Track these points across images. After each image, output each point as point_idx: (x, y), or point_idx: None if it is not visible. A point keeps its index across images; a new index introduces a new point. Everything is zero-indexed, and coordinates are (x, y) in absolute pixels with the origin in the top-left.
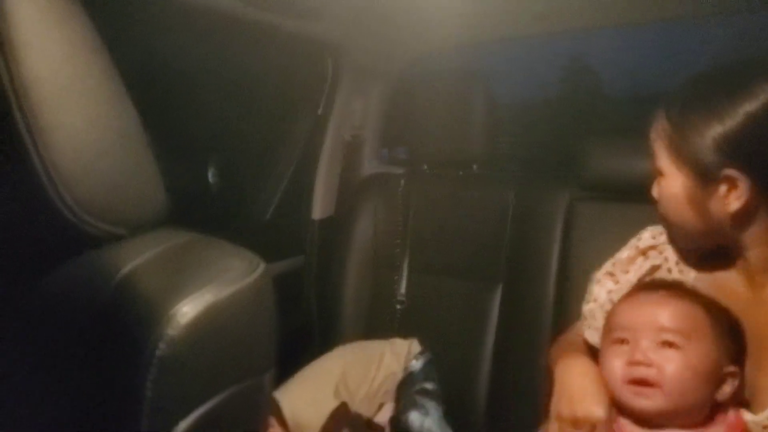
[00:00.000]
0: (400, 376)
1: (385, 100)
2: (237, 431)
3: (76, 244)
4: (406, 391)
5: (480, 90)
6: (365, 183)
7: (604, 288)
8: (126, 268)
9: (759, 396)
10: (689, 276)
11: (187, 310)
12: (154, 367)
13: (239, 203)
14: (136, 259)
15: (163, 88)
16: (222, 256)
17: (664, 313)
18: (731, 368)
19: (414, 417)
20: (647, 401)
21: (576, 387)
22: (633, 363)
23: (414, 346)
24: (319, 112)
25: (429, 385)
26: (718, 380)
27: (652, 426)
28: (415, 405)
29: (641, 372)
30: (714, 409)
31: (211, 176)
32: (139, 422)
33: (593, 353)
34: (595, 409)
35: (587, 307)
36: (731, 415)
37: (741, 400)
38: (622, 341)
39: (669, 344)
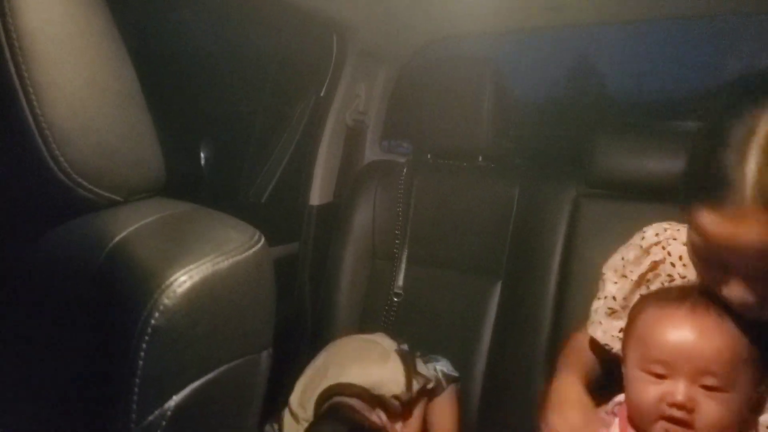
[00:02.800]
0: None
1: (391, 85)
2: (230, 409)
3: (69, 209)
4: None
5: (489, 77)
6: (366, 170)
7: (617, 287)
8: (121, 234)
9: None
10: (693, 270)
11: (185, 279)
12: (148, 336)
13: (233, 187)
14: (132, 225)
15: (153, 66)
16: (221, 228)
17: (707, 351)
18: (762, 387)
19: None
20: None
21: (560, 407)
22: (672, 404)
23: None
24: (322, 94)
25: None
26: (751, 405)
27: None
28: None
29: (680, 415)
30: None
31: (203, 159)
32: (132, 392)
33: (597, 347)
34: None
35: (596, 305)
36: None
37: None
38: (659, 375)
39: (712, 388)
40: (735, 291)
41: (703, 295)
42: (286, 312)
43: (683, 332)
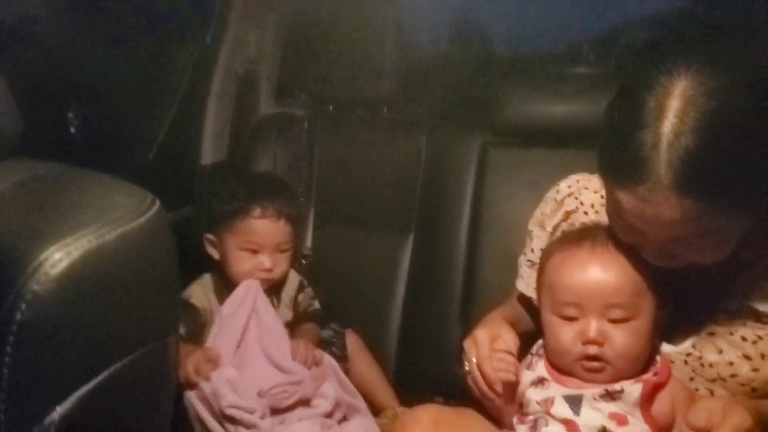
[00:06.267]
0: None
1: (284, 30)
2: (135, 410)
3: None
4: None
5: (392, 20)
6: (262, 124)
7: (538, 240)
8: None
9: (677, 327)
10: (605, 216)
11: (59, 258)
12: (13, 335)
13: (111, 154)
14: None
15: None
16: (104, 191)
17: (611, 286)
18: (661, 311)
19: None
20: (599, 375)
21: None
22: (586, 342)
23: None
24: (207, 41)
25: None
26: (656, 329)
27: None
28: None
29: (594, 351)
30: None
31: (72, 127)
32: None
33: (525, 302)
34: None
35: (520, 259)
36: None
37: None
38: (570, 318)
39: (619, 320)
40: (650, 252)
41: (600, 232)
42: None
43: (587, 270)
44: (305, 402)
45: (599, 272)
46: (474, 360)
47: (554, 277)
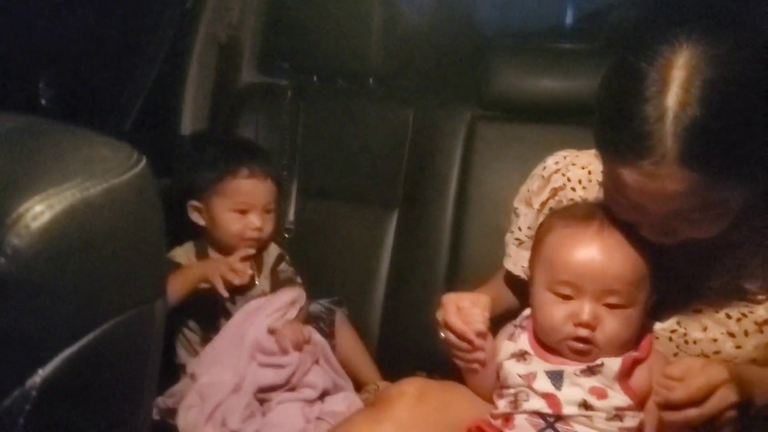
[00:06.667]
0: None
1: None
2: (118, 376)
3: None
4: None
5: None
6: (245, 93)
7: (525, 218)
8: None
9: (664, 305)
10: (593, 192)
11: (41, 210)
12: None
13: (84, 124)
14: None
15: None
16: (88, 144)
17: (613, 271)
18: (654, 297)
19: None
20: (583, 357)
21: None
22: (578, 324)
23: None
24: (188, 5)
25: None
26: (645, 317)
27: None
28: None
29: (585, 333)
30: None
31: (44, 98)
32: None
33: (511, 281)
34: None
35: (507, 237)
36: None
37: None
38: (566, 296)
39: (615, 306)
40: (649, 229)
41: (606, 214)
42: None
43: (591, 252)
44: (291, 389)
45: (604, 256)
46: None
47: (555, 253)
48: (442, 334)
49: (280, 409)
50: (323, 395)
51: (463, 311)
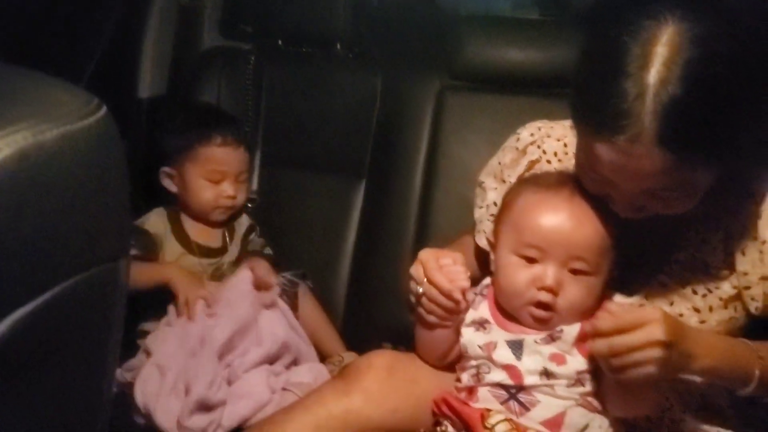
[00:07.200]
0: None
1: None
2: (79, 335)
3: None
4: None
5: None
6: (206, 57)
7: (496, 193)
8: None
9: (631, 278)
10: (569, 165)
11: None
12: None
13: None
14: None
15: None
16: (43, 86)
17: (580, 238)
18: (616, 268)
19: None
20: (543, 325)
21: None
22: (541, 288)
23: None
24: None
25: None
26: (606, 287)
27: None
28: None
29: (547, 298)
30: None
31: None
32: None
33: (481, 257)
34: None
35: (478, 213)
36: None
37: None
38: (530, 259)
39: (579, 272)
40: (619, 205)
41: (578, 183)
42: None
43: (560, 217)
44: (256, 341)
45: (573, 222)
46: (425, 279)
47: (523, 216)
48: (420, 289)
49: (246, 378)
50: (290, 365)
51: (445, 268)
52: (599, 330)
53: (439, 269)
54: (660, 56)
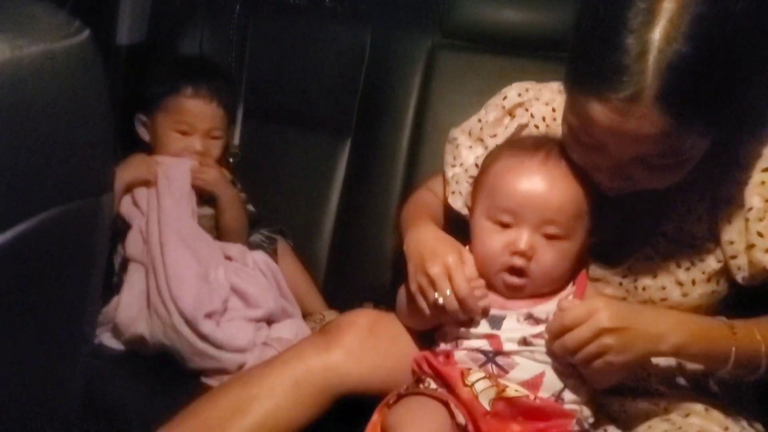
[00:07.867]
0: None
1: None
2: (58, 271)
3: None
4: None
5: None
6: (188, 5)
7: (473, 153)
8: None
9: (616, 249)
10: (557, 130)
11: None
12: None
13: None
14: None
15: None
16: (23, 4)
17: (554, 202)
18: (590, 239)
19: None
20: (518, 293)
21: (429, 248)
22: (514, 253)
23: None
24: None
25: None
26: (582, 254)
27: None
28: None
29: (520, 263)
30: None
31: None
32: None
33: (451, 216)
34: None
35: (452, 172)
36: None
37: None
38: (505, 224)
39: (553, 237)
40: (605, 174)
41: (556, 145)
42: None
43: (533, 181)
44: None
45: (546, 185)
46: (448, 293)
47: (497, 181)
48: (440, 300)
49: (235, 325)
50: (270, 321)
51: (473, 286)
52: (550, 332)
53: (469, 287)
54: (667, 11)
